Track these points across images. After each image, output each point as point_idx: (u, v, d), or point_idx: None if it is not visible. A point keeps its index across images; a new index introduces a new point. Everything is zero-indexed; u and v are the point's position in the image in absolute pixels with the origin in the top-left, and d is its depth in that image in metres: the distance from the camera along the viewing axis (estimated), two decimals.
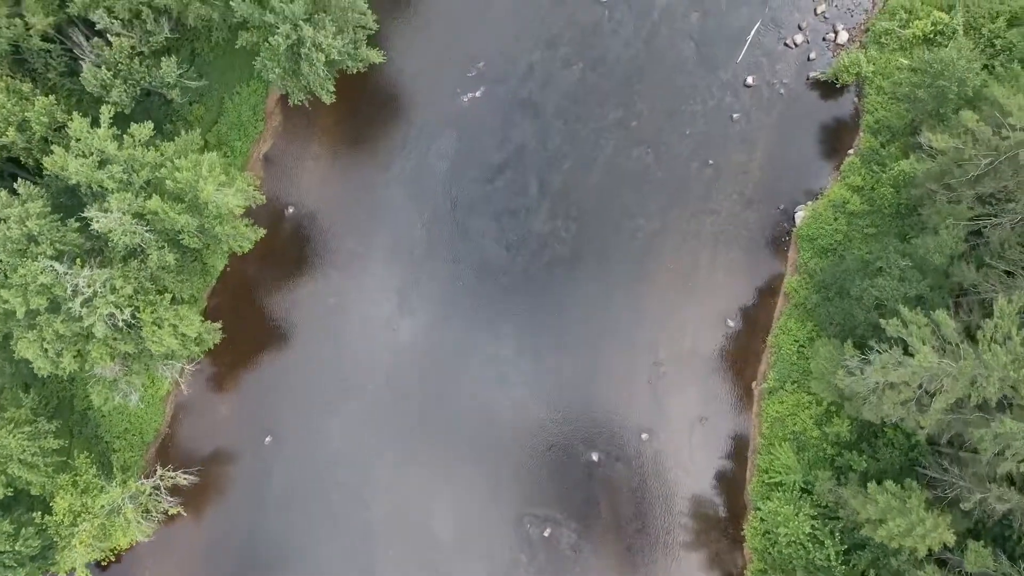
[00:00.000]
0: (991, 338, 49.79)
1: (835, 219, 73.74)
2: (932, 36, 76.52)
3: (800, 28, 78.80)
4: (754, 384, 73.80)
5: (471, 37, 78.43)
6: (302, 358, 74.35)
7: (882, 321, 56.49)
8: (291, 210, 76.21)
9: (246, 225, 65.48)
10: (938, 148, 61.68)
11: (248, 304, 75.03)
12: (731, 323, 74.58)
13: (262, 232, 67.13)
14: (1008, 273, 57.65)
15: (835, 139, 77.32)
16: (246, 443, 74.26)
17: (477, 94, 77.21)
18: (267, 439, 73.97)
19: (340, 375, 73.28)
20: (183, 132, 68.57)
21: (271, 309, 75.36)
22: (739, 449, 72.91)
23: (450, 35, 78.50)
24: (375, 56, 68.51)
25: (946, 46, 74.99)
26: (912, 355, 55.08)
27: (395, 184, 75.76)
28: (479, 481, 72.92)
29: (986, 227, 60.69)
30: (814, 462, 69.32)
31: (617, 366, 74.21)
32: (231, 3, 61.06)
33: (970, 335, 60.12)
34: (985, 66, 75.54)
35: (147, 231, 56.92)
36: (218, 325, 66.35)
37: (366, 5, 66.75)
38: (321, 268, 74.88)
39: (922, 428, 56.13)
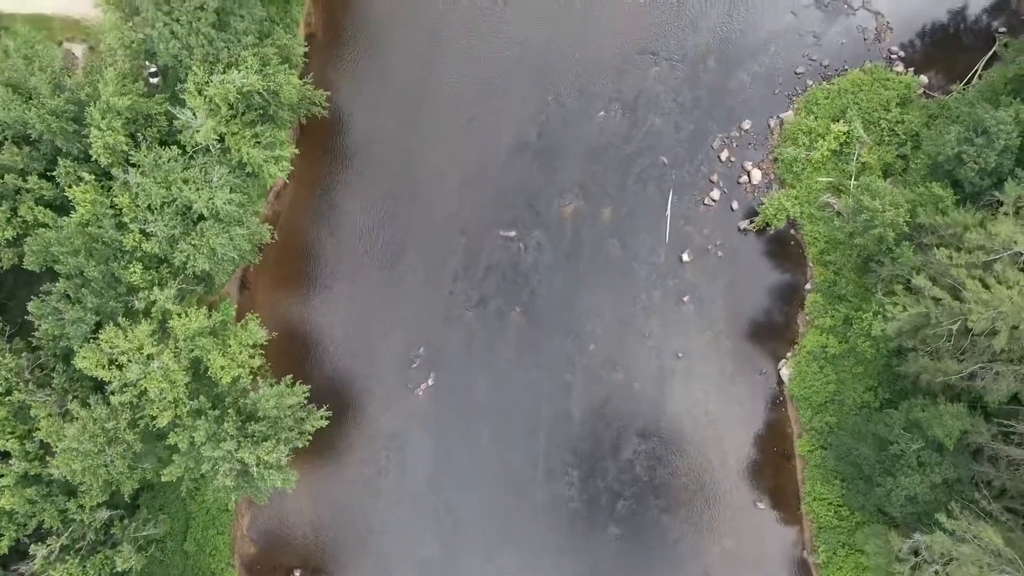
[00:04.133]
0: None
1: (821, 370, 72.09)
2: (840, 149, 74.64)
3: (712, 182, 76.11)
4: (805, 553, 72.69)
5: (399, 328, 74.34)
6: None
7: (926, 539, 55.23)
8: (298, 573, 72.60)
9: None
10: (900, 317, 60.04)
11: None
12: (761, 505, 72.99)
13: None
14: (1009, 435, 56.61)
15: (789, 279, 75.11)
16: None
17: (429, 382, 73.59)
18: None
19: None
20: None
21: None
22: None
23: (375, 335, 74.38)
24: (321, 420, 64.66)
25: (852, 153, 73.56)
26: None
27: (385, 510, 72.14)
28: None
29: (978, 377, 59.47)
30: None
31: None
32: (160, 475, 56.91)
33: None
34: (899, 156, 74.11)
35: None
36: None
37: (294, 387, 62.73)
38: None
39: None
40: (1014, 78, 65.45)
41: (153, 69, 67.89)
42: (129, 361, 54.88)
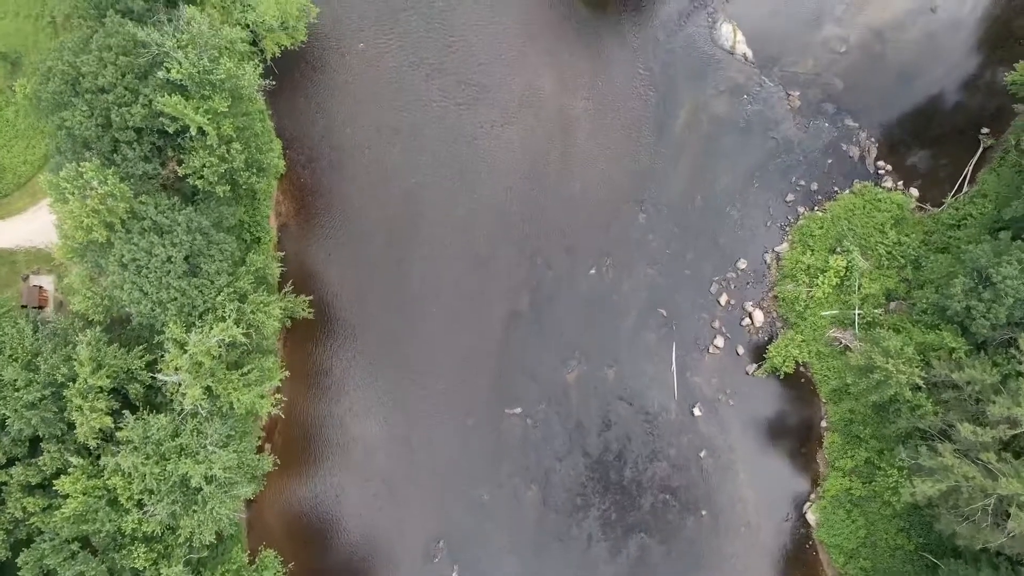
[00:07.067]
0: None
1: (848, 514, 70.42)
2: (841, 282, 72.74)
3: (715, 328, 73.98)
4: None
5: (415, 522, 71.89)
6: None
7: None
8: None
9: None
10: (928, 494, 58.31)
11: None
12: None
13: None
14: None
15: (804, 418, 73.35)
16: None
17: (454, 575, 71.60)
18: None
19: None
20: None
21: None
22: None
23: (392, 532, 71.93)
24: None
25: (854, 283, 71.66)
26: None
27: None
28: None
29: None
30: None
31: None
32: None
33: None
34: (901, 280, 72.34)
35: None
36: None
37: None
38: None
39: None
40: (1012, 220, 63.49)
41: None
42: None
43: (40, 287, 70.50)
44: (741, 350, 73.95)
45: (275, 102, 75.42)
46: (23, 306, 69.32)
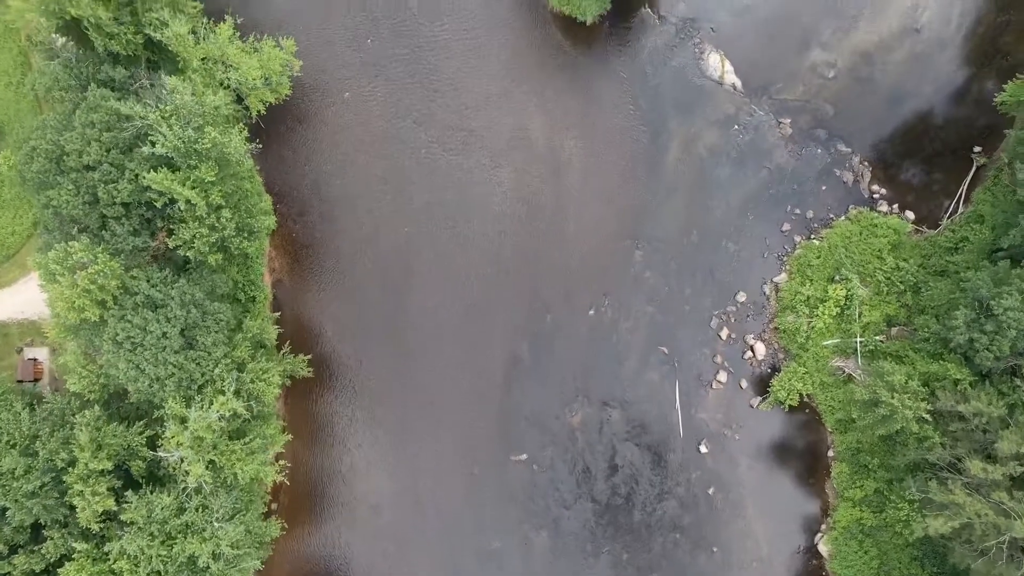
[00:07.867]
0: None
1: (860, 545, 70.18)
2: (842, 311, 72.38)
3: (717, 363, 73.56)
4: None
5: (425, 574, 71.77)
6: None
7: None
8: None
9: None
10: (940, 530, 58.03)
11: None
12: None
13: None
14: None
15: (811, 448, 72.98)
16: None
17: None
18: None
19: None
20: None
21: None
22: None
23: None
24: None
25: (854, 311, 71.33)
26: None
27: None
28: None
29: None
30: None
31: None
32: None
33: None
34: (901, 306, 72.02)
35: None
36: None
37: None
38: None
39: None
40: (1011, 247, 63.15)
41: None
42: None
43: (35, 360, 69.68)
44: (744, 384, 73.49)
45: (264, 156, 74.49)
46: (19, 381, 68.67)
